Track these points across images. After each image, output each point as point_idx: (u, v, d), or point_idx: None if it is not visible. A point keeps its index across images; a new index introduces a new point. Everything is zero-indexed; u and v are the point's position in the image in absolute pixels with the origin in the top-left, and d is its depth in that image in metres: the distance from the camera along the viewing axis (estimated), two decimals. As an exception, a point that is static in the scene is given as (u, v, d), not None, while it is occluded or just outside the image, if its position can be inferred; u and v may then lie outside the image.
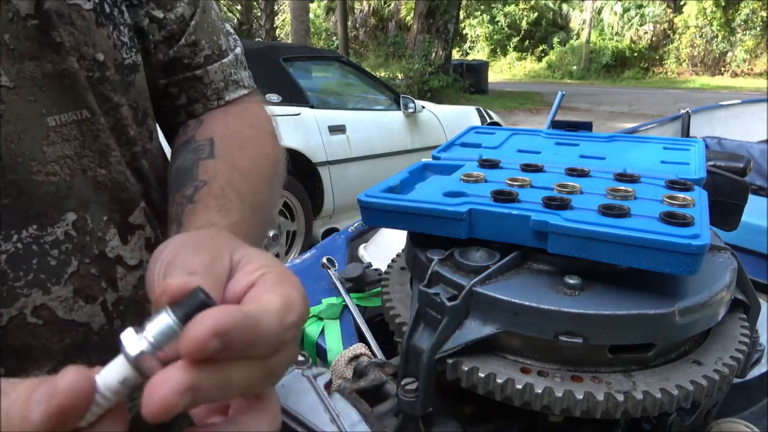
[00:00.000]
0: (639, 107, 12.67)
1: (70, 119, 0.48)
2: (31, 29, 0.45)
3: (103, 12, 0.51)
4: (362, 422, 0.48)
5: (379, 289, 1.44)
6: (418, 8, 13.01)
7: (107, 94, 0.52)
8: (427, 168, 0.63)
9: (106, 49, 0.51)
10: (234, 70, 0.66)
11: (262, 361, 0.31)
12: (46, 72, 0.46)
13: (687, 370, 0.44)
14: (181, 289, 0.30)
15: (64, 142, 0.48)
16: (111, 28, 0.52)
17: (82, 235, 0.50)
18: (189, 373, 0.27)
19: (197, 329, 0.27)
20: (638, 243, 0.41)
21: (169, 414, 0.27)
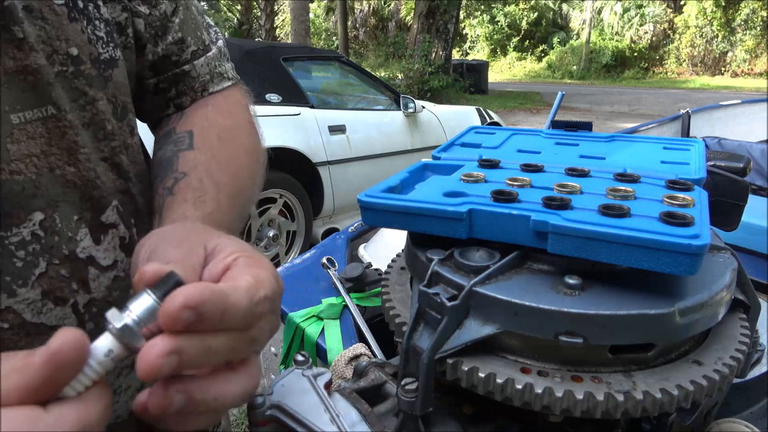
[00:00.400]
0: (639, 107, 12.67)
1: (35, 116, 0.47)
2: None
3: (75, 7, 0.51)
4: (362, 422, 0.48)
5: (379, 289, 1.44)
6: (418, 8, 13.01)
7: (82, 88, 0.51)
8: (427, 168, 0.63)
9: (80, 44, 0.51)
10: (218, 62, 0.68)
11: (241, 332, 0.36)
12: (8, 68, 0.46)
13: (687, 370, 0.44)
14: (156, 274, 0.34)
15: (29, 140, 0.47)
16: (85, 23, 0.51)
17: (51, 235, 0.49)
18: (172, 340, 0.32)
19: (170, 303, 0.32)
20: (638, 243, 0.41)
21: (159, 374, 0.31)
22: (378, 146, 4.09)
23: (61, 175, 0.49)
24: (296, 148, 3.46)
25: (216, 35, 0.69)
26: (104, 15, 0.54)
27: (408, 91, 10.57)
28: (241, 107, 0.69)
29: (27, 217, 0.47)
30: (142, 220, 0.58)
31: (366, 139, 4.04)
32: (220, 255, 0.40)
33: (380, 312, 0.73)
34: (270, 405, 0.50)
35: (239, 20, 18.11)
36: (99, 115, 0.53)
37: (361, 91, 4.56)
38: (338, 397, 0.51)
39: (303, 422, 0.48)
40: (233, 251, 0.40)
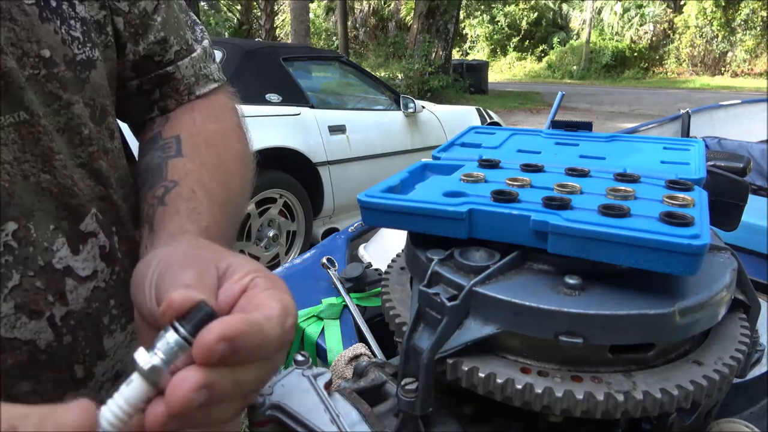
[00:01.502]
0: (639, 107, 12.67)
1: (7, 122, 0.45)
2: None
3: (47, 6, 0.48)
4: (362, 422, 0.48)
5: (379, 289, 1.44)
6: (418, 8, 13.01)
7: (56, 91, 0.49)
8: (427, 168, 0.63)
9: (53, 45, 0.48)
10: (203, 63, 0.65)
11: (268, 361, 0.35)
12: None
13: (687, 370, 0.44)
14: (185, 302, 0.33)
15: (1, 147, 0.45)
16: (58, 23, 0.49)
17: (25, 245, 0.47)
18: (203, 374, 0.31)
19: (207, 336, 0.30)
20: (638, 243, 0.41)
21: (189, 408, 0.30)
22: (378, 146, 4.09)
23: (36, 182, 0.47)
24: (296, 148, 3.46)
25: (202, 34, 0.67)
26: (80, 14, 0.51)
27: (408, 91, 10.57)
28: (229, 111, 0.67)
29: (0, 227, 0.45)
30: (124, 227, 0.56)
31: (366, 139, 4.03)
32: (234, 276, 0.38)
33: (380, 312, 0.73)
34: (270, 405, 0.50)
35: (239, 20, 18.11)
36: (75, 120, 0.50)
37: (361, 91, 4.56)
38: (338, 397, 0.51)
39: (303, 422, 0.48)
40: (248, 271, 0.38)
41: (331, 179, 3.74)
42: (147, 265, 0.41)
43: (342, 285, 1.47)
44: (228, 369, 0.32)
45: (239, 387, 0.33)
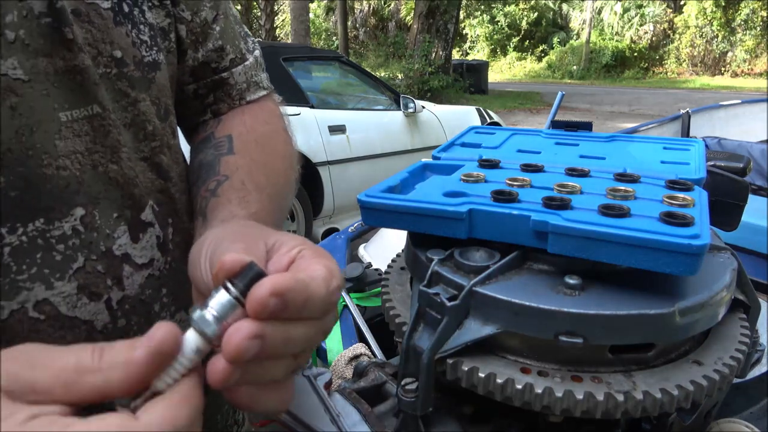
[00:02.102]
0: (639, 107, 12.67)
1: (81, 115, 0.49)
2: (45, 26, 0.47)
3: (121, 11, 0.53)
4: (362, 422, 0.48)
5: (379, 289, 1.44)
6: (418, 8, 13.01)
7: (125, 89, 0.53)
8: (427, 168, 0.63)
9: (124, 47, 0.53)
10: (254, 72, 0.71)
11: (316, 321, 0.37)
12: (58, 68, 0.48)
13: (687, 370, 0.44)
14: (235, 263, 0.35)
15: (75, 138, 0.49)
16: (130, 27, 0.54)
17: (90, 231, 0.50)
18: (256, 325, 0.33)
19: (259, 290, 0.33)
20: (638, 243, 0.41)
21: (244, 356, 0.32)
22: (378, 146, 4.10)
23: (104, 172, 0.51)
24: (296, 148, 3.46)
25: (253, 45, 0.72)
26: (149, 20, 0.56)
27: (408, 91, 10.57)
28: (276, 116, 0.71)
29: (69, 212, 0.49)
30: (180, 219, 0.59)
31: (366, 139, 4.04)
32: (282, 249, 0.41)
33: (380, 312, 0.73)
34: (270, 405, 0.50)
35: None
36: (141, 116, 0.54)
37: (361, 91, 4.56)
38: (338, 397, 0.51)
39: (303, 422, 0.48)
40: (295, 245, 0.41)
41: (331, 179, 3.74)
42: (201, 244, 0.44)
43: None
44: (279, 323, 0.34)
45: (290, 343, 0.36)
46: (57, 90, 0.48)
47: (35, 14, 0.46)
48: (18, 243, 0.46)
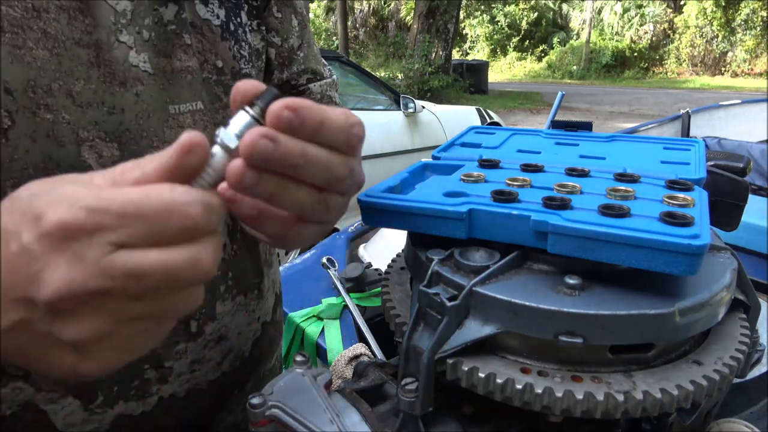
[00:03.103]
0: (639, 107, 12.67)
1: (186, 109, 0.58)
2: (170, 33, 0.57)
3: (228, 29, 0.63)
4: (362, 422, 0.48)
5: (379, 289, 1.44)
6: (418, 8, 13.01)
7: (219, 94, 0.62)
8: (427, 168, 0.63)
9: (225, 59, 0.63)
10: (329, 89, 0.81)
11: (340, 153, 0.39)
12: (175, 68, 0.57)
13: (687, 370, 0.44)
14: (251, 87, 0.37)
15: (178, 128, 0.57)
16: (233, 42, 0.63)
17: None
18: (270, 129, 0.35)
19: (275, 105, 0.35)
20: (638, 243, 0.41)
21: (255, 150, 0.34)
22: (378, 146, 4.09)
23: None
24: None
25: (330, 72, 0.83)
26: (249, 40, 0.66)
27: (408, 91, 10.57)
28: None
29: None
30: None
31: (366, 139, 3.99)
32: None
33: (380, 312, 0.73)
34: (270, 405, 0.50)
35: (239, 20, 18.05)
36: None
37: (361, 91, 4.56)
38: (338, 397, 0.51)
39: (303, 422, 0.48)
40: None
41: (331, 179, 3.73)
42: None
43: (342, 285, 1.47)
44: (296, 140, 0.36)
45: (309, 164, 0.37)
46: (170, 86, 0.57)
47: (164, 21, 0.57)
48: None
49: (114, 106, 0.54)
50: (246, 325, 0.71)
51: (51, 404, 0.57)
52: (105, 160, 0.54)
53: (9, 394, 0.55)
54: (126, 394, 0.60)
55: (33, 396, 0.56)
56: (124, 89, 0.54)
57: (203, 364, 0.66)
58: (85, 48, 0.52)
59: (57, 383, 0.56)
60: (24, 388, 0.56)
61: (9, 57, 0.48)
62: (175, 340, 0.62)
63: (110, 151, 0.54)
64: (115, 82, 0.54)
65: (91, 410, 0.59)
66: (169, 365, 0.63)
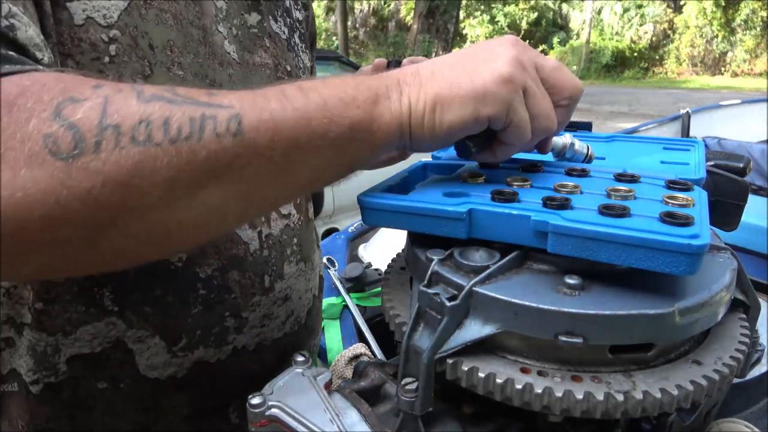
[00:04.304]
0: (639, 107, 12.66)
1: None
2: (252, 35, 0.70)
3: (290, 43, 0.77)
4: (362, 422, 0.48)
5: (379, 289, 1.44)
6: (418, 8, 13.02)
7: None
8: (427, 168, 0.63)
9: (291, 66, 0.75)
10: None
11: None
12: (256, 62, 0.69)
13: (687, 370, 0.44)
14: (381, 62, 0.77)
15: None
16: (294, 55, 0.77)
17: None
18: None
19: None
20: (638, 243, 0.41)
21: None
22: (378, 146, 4.08)
23: None
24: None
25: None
26: (302, 58, 0.79)
27: (408, 91, 10.53)
28: None
29: None
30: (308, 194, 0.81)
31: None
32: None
33: (380, 312, 0.73)
34: (270, 405, 0.50)
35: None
36: None
37: (361, 91, 4.54)
38: (338, 397, 0.51)
39: (303, 422, 0.48)
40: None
41: (331, 179, 3.73)
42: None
43: (342, 285, 1.47)
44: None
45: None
46: (252, 75, 0.68)
47: (248, 25, 0.69)
48: None
49: (215, 80, 0.63)
50: (304, 291, 0.79)
51: (138, 343, 0.62)
52: None
53: (103, 328, 0.61)
54: (207, 339, 0.66)
55: (124, 333, 0.61)
56: (222, 68, 0.64)
57: (271, 320, 0.73)
58: (197, 28, 0.62)
59: (147, 320, 0.62)
60: (117, 324, 0.61)
61: (155, 20, 0.58)
62: (252, 292, 0.69)
63: None
64: (216, 61, 0.64)
65: (173, 353, 0.64)
66: (246, 315, 0.69)
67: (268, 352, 0.73)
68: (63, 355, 0.61)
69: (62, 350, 0.60)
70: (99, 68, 0.54)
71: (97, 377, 0.62)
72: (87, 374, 0.62)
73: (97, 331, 0.60)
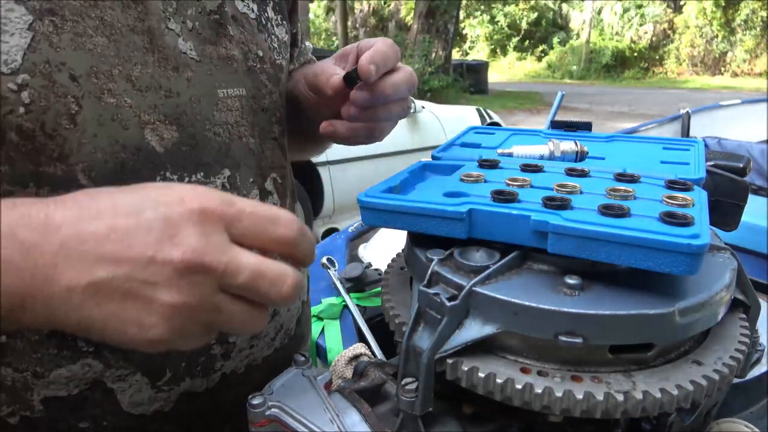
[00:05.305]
0: (639, 107, 12.66)
1: (234, 93, 0.63)
2: (213, 22, 0.61)
3: (261, 23, 0.68)
4: (362, 422, 0.48)
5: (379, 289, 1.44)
6: (418, 8, 13.01)
7: (264, 81, 0.67)
8: (427, 168, 0.63)
9: (264, 49, 0.68)
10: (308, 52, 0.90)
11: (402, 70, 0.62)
12: (220, 55, 0.62)
13: (687, 370, 0.44)
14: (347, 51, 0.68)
15: (227, 111, 0.62)
16: (266, 35, 0.69)
17: (233, 189, 0.62)
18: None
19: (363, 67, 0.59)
20: (638, 243, 0.41)
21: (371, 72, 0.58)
22: (378, 146, 4.08)
23: (246, 143, 0.64)
24: (296, 148, 3.45)
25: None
26: (277, 33, 0.72)
27: (408, 91, 10.52)
28: None
29: (220, 170, 0.61)
30: (292, 196, 0.75)
31: (366, 139, 4.02)
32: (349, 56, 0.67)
33: (380, 312, 0.73)
34: (270, 405, 0.50)
35: (239, 20, 18.03)
36: (273, 104, 0.69)
37: (361, 91, 4.54)
38: (338, 397, 0.51)
39: (303, 422, 0.48)
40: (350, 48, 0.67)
41: (331, 179, 3.74)
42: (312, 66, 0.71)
43: (342, 285, 1.47)
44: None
45: (395, 85, 0.61)
46: (217, 71, 0.61)
47: (207, 11, 0.61)
48: None
49: (170, 89, 0.57)
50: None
51: (119, 382, 0.58)
52: (166, 141, 0.56)
53: (78, 371, 0.56)
54: (193, 370, 0.62)
55: (102, 373, 0.57)
56: (177, 74, 0.57)
57: (260, 340, 0.69)
58: (139, 34, 0.55)
59: (127, 359, 0.57)
60: (94, 365, 0.56)
61: (72, 44, 0.50)
62: None
63: (170, 133, 0.56)
64: (169, 66, 0.57)
65: (158, 387, 0.60)
66: (233, 341, 0.65)
67: (258, 371, 0.70)
68: (36, 395, 0.55)
69: (35, 389, 0.55)
70: (18, 122, 0.48)
71: (77, 417, 0.58)
72: (65, 415, 0.57)
73: (72, 374, 0.56)
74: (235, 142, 0.62)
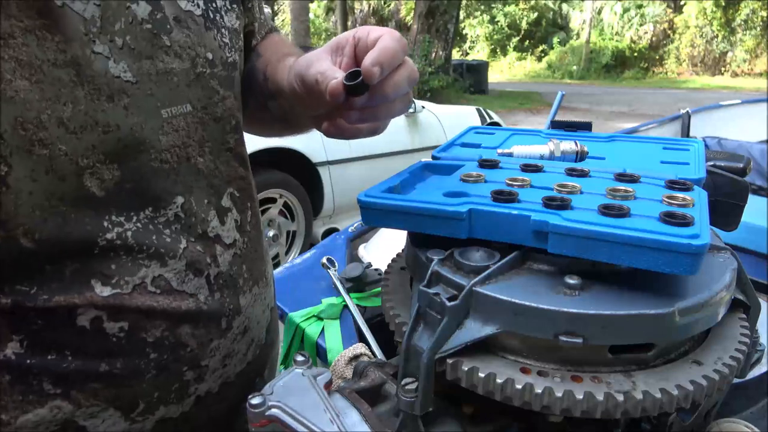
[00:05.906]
0: (639, 107, 12.66)
1: (178, 112, 0.57)
2: (146, 32, 0.54)
3: (208, 17, 0.61)
4: (362, 422, 0.48)
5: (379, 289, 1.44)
6: (418, 8, 13.01)
7: (216, 87, 0.61)
8: (427, 168, 0.63)
9: (213, 49, 0.61)
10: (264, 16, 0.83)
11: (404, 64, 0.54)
12: (159, 70, 0.55)
13: (687, 370, 0.44)
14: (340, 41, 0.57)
15: (174, 132, 0.56)
16: (215, 32, 0.62)
17: (189, 216, 0.58)
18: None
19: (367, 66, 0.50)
20: (638, 243, 0.41)
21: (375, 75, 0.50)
22: (378, 146, 4.09)
23: (194, 164, 0.59)
24: (296, 148, 3.46)
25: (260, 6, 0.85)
26: (227, 23, 0.64)
27: (408, 91, 10.52)
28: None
29: (172, 200, 0.56)
30: (254, 204, 0.69)
31: (366, 139, 4.02)
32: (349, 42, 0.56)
33: (380, 312, 0.73)
34: (270, 405, 0.50)
35: (239, 20, 18.04)
36: (228, 111, 0.63)
37: (361, 91, 4.54)
38: (338, 397, 0.51)
39: (303, 422, 0.48)
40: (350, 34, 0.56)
41: (331, 179, 3.74)
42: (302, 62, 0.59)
43: (342, 285, 1.47)
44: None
45: (396, 84, 0.53)
46: (158, 89, 0.54)
47: (138, 20, 0.53)
48: (135, 228, 0.54)
49: (108, 124, 0.50)
50: (261, 313, 0.72)
51: (91, 419, 0.56)
52: (107, 183, 0.52)
53: (47, 414, 0.53)
54: (167, 398, 0.60)
55: (72, 413, 0.54)
56: (112, 103, 0.51)
57: (233, 358, 0.67)
58: (63, 68, 0.47)
59: (97, 396, 0.55)
60: (63, 407, 0.54)
61: None
62: (209, 338, 0.62)
63: (111, 173, 0.52)
64: (102, 97, 0.50)
65: (132, 419, 0.58)
66: (205, 363, 0.63)
67: (233, 388, 0.68)
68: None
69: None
70: None
71: None
72: None
73: (41, 419, 0.53)
74: (183, 165, 0.57)
